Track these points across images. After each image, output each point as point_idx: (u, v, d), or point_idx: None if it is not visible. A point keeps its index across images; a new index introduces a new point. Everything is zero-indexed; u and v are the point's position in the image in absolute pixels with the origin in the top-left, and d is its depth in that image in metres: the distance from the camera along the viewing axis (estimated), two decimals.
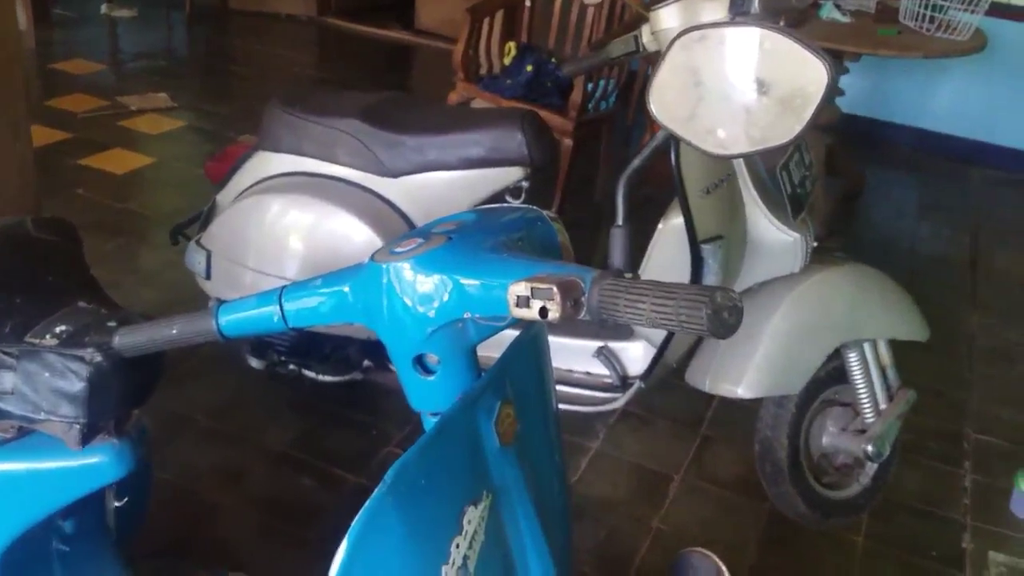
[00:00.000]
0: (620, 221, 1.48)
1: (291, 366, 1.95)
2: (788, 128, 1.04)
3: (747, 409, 1.86)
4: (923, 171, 4.11)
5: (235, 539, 1.77)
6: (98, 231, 2.72)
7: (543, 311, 0.67)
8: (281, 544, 1.76)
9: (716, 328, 0.63)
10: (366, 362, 1.94)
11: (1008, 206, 3.87)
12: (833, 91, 3.18)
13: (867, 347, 1.78)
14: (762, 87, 1.04)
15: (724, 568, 1.06)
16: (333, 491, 1.90)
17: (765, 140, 1.05)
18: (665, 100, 1.10)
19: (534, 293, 0.67)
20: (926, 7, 3.11)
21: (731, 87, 1.06)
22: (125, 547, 1.24)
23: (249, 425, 2.07)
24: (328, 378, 1.93)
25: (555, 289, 0.66)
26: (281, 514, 1.84)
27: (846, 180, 3.59)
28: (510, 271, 0.71)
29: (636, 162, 1.49)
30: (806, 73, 1.01)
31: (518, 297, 0.68)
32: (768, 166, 1.72)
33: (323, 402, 2.13)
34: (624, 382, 1.83)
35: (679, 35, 1.08)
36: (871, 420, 1.78)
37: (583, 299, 0.67)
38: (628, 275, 0.69)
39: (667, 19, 1.47)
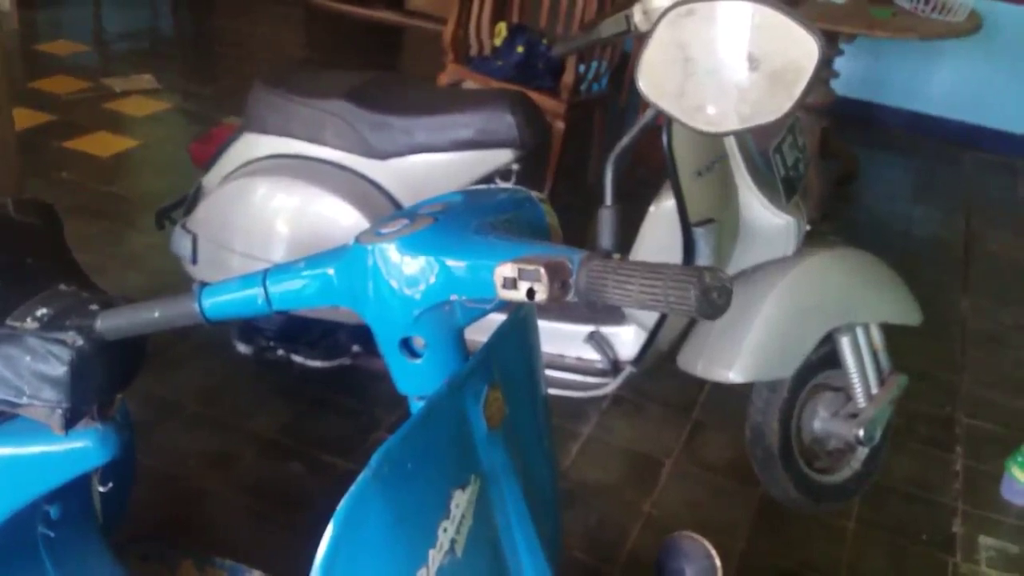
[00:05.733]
0: (609, 201, 1.47)
1: (279, 351, 1.94)
2: (778, 105, 1.02)
3: (739, 394, 1.85)
4: (917, 154, 4.11)
5: (223, 525, 1.76)
6: (82, 215, 2.69)
7: (530, 292, 0.65)
8: (269, 530, 1.75)
9: (704, 309, 0.62)
10: (355, 347, 1.92)
11: (1001, 189, 3.87)
12: (823, 69, 3.17)
13: (859, 331, 1.77)
14: (752, 62, 1.02)
15: (713, 552, 1.06)
16: (322, 477, 1.89)
17: (755, 117, 1.04)
18: (654, 77, 1.09)
19: (521, 274, 0.66)
20: None
21: (721, 63, 1.04)
22: (111, 532, 1.23)
23: (237, 411, 2.06)
24: (317, 363, 1.92)
25: (542, 270, 0.65)
26: (270, 500, 1.83)
27: (840, 163, 3.58)
28: (497, 252, 0.70)
29: (625, 141, 1.47)
30: (797, 48, 0.99)
31: (505, 279, 0.67)
32: (761, 148, 1.71)
33: (312, 388, 2.12)
34: (615, 367, 1.82)
35: (667, 9, 1.07)
36: (863, 405, 1.78)
37: (571, 280, 0.66)
38: (616, 256, 0.68)
39: None
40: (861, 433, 1.74)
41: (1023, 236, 3.42)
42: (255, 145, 1.86)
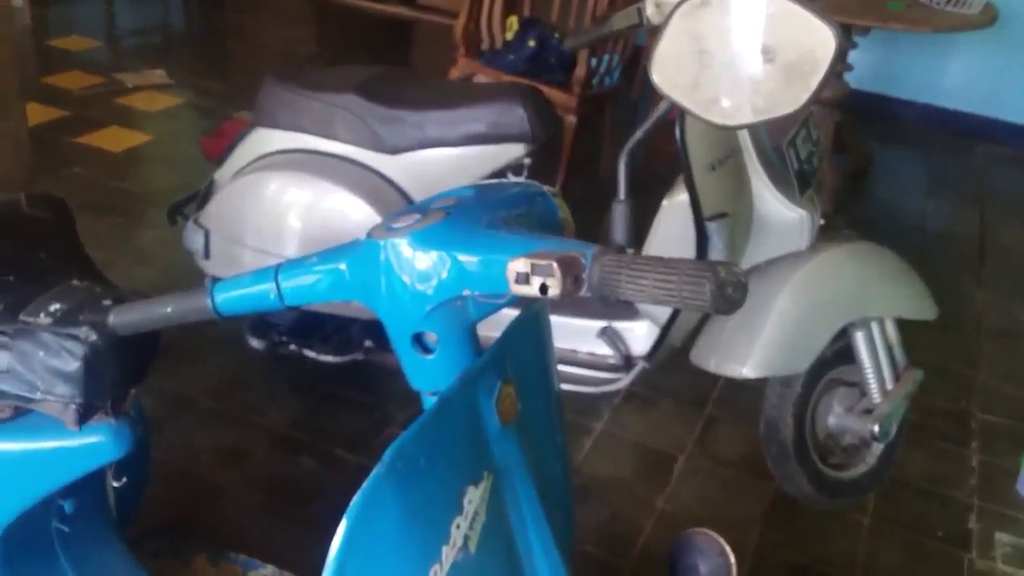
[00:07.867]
0: (622, 196, 1.46)
1: (292, 347, 1.94)
2: (794, 97, 1.01)
3: (753, 389, 1.84)
4: (931, 147, 4.07)
5: (236, 520, 1.76)
6: (94, 210, 2.70)
7: (543, 288, 0.65)
8: (282, 525, 1.75)
9: (719, 304, 0.61)
10: (368, 342, 1.92)
11: (1016, 183, 3.84)
12: (839, 62, 3.14)
13: (874, 326, 1.76)
14: (767, 54, 1.01)
15: (727, 548, 1.05)
16: (334, 472, 1.89)
17: (770, 109, 1.03)
18: (667, 70, 1.07)
19: (534, 269, 0.65)
20: None
21: (735, 54, 1.02)
22: (125, 527, 1.24)
23: (250, 406, 2.06)
24: (329, 359, 1.92)
25: (555, 265, 0.64)
26: (282, 495, 1.83)
27: (854, 157, 3.55)
28: (509, 247, 0.69)
29: (638, 135, 1.46)
30: (812, 39, 0.98)
31: (517, 274, 0.66)
32: (775, 142, 1.70)
33: (324, 383, 2.12)
34: (628, 362, 1.81)
35: (682, 1, 1.05)
36: (877, 400, 1.76)
37: (584, 275, 0.65)
38: (630, 251, 0.67)
39: None
40: (876, 429, 1.72)
41: None
42: (266, 140, 1.86)
